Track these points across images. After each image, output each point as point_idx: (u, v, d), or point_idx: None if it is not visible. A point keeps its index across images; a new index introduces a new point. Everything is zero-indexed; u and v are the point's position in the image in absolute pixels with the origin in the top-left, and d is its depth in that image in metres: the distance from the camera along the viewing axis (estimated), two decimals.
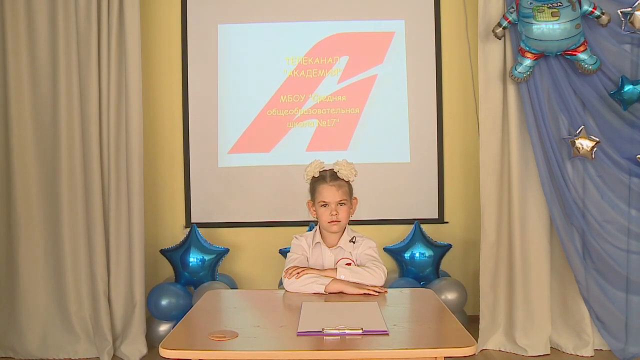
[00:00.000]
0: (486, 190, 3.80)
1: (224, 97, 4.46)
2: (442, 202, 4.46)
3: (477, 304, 3.95)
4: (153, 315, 3.96)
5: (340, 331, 1.77)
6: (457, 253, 4.40)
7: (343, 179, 2.54)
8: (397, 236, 4.35)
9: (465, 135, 4.44)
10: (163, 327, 3.97)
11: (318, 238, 2.58)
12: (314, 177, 2.57)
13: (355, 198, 2.62)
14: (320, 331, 1.78)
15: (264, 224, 4.45)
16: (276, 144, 4.47)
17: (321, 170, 2.58)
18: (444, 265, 4.25)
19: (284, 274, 2.43)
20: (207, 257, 4.07)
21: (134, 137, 3.82)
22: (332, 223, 2.52)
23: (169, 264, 4.14)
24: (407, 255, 4.12)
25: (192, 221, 4.41)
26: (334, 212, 2.51)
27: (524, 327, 3.78)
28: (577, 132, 3.58)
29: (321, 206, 2.54)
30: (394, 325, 1.88)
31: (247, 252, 4.47)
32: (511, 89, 3.71)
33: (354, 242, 2.56)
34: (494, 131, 3.77)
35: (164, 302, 3.87)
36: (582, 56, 3.49)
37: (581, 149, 3.56)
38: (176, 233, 4.42)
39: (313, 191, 2.59)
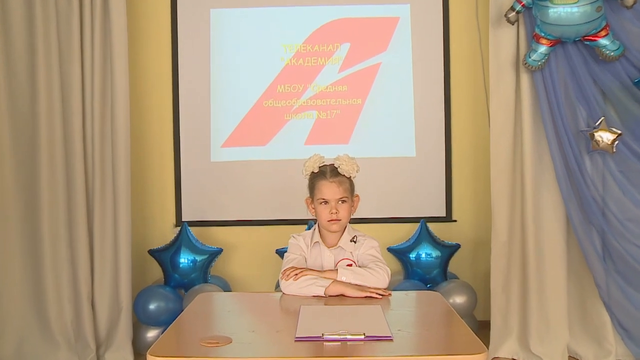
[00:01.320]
0: (497, 186, 3.80)
1: (216, 87, 4.45)
2: (450, 199, 4.46)
3: (487, 308, 3.95)
4: (140, 320, 3.96)
5: (341, 336, 1.77)
6: (466, 253, 4.40)
7: (344, 175, 2.54)
8: (402, 235, 4.35)
9: (474, 127, 4.44)
10: (151, 333, 3.97)
11: (317, 237, 2.58)
12: (313, 172, 2.57)
13: (357, 195, 2.62)
14: (319, 336, 1.77)
15: (259, 223, 4.45)
16: (273, 137, 4.46)
17: (321, 165, 2.57)
18: (452, 266, 4.26)
19: (280, 275, 2.42)
20: (198, 258, 4.07)
21: (120, 129, 3.81)
22: (332, 222, 2.52)
23: (157, 265, 4.14)
24: (412, 255, 4.12)
25: (182, 219, 4.41)
26: (334, 210, 2.51)
27: (539, 333, 3.77)
28: (597, 124, 3.56)
29: (320, 203, 2.53)
30: (399, 330, 1.87)
31: (242, 252, 4.47)
32: (524, 78, 3.70)
33: (355, 242, 2.56)
34: (506, 123, 3.77)
35: (152, 306, 3.87)
36: (604, 42, 3.45)
37: (601, 142, 3.54)
38: (166, 232, 4.42)
39: (312, 188, 2.58)
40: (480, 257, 4.39)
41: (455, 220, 4.46)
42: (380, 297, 2.29)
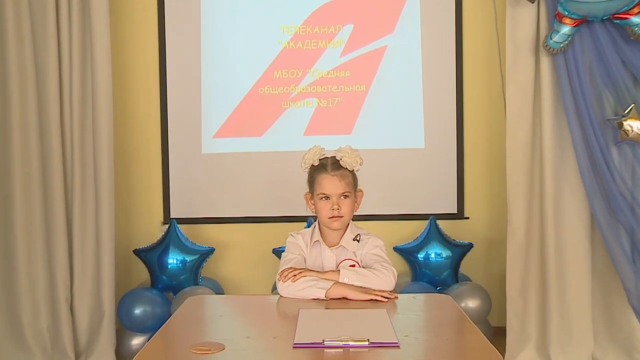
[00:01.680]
0: (514, 180, 3.80)
1: (207, 72, 4.45)
2: (462, 195, 4.46)
3: (503, 313, 3.96)
4: (124, 326, 3.97)
5: (344, 343, 1.77)
6: (480, 254, 4.40)
7: (346, 168, 2.54)
8: (409, 234, 4.36)
9: (489, 116, 4.43)
10: (136, 340, 3.98)
11: (317, 236, 2.58)
12: (312, 165, 2.57)
13: (361, 190, 2.62)
14: (320, 343, 1.78)
15: (254, 220, 4.45)
16: (269, 127, 4.46)
17: (321, 157, 2.57)
18: (464, 267, 4.26)
19: (278, 276, 2.42)
20: (188, 258, 4.07)
21: (102, 118, 3.81)
22: (334, 219, 2.52)
23: (143, 266, 4.14)
24: (420, 255, 4.13)
25: (171, 216, 4.41)
26: (335, 206, 2.50)
27: (561, 340, 3.76)
28: (626, 111, 3.54)
29: (321, 199, 2.53)
30: (406, 336, 1.87)
31: (236, 252, 4.47)
32: (545, 62, 3.69)
33: (358, 241, 2.56)
34: (524, 112, 3.76)
35: (137, 311, 3.88)
36: (636, 20, 3.38)
37: (630, 131, 3.52)
38: (152, 230, 4.42)
39: (312, 182, 2.58)
40: (495, 258, 4.39)
41: (467, 218, 4.47)
42: (386, 300, 2.29)
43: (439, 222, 4.25)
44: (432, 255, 4.11)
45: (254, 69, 4.46)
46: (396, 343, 1.80)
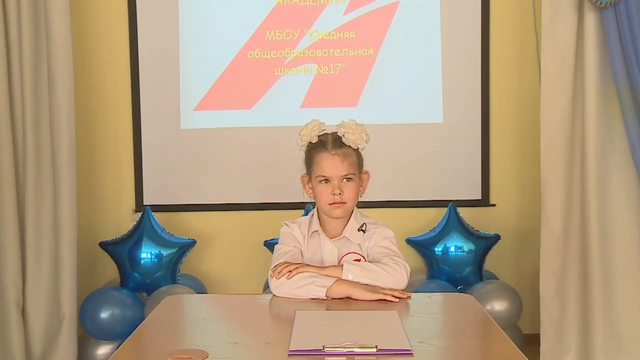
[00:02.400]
0: (549, 161, 3.79)
1: (186, 34, 4.44)
2: (487, 178, 4.47)
3: (536, 318, 3.97)
4: (89, 333, 3.99)
5: (347, 350, 1.77)
6: (508, 247, 4.42)
7: (350, 146, 2.53)
8: (425, 223, 4.37)
9: (520, 85, 4.43)
10: (102, 350, 4.00)
11: (316, 225, 2.58)
12: (310, 142, 2.56)
13: (367, 172, 2.62)
14: (319, 350, 1.78)
15: (243, 207, 4.47)
16: (260, 98, 4.46)
17: (321, 133, 2.56)
18: (490, 263, 4.28)
19: (270, 272, 2.43)
20: (165, 252, 4.08)
21: (60, 87, 3.79)
22: (335, 205, 2.51)
23: (111, 261, 4.15)
24: (438, 249, 4.14)
25: (144, 203, 4.42)
26: (337, 191, 2.50)
27: (607, 350, 3.76)
28: None
29: (320, 182, 2.53)
30: (420, 342, 1.87)
31: (221, 244, 4.49)
32: (590, 19, 3.66)
33: (364, 231, 2.56)
34: (562, 79, 3.74)
35: (104, 315, 3.89)
36: None
37: None
38: (122, 219, 4.44)
39: (309, 162, 2.58)
40: (527, 252, 4.40)
41: (493, 205, 4.48)
42: (397, 300, 2.29)
43: (460, 209, 4.26)
44: (452, 249, 4.12)
45: (241, 29, 4.45)
46: (409, 350, 1.80)
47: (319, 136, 2.55)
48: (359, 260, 2.50)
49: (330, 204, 2.52)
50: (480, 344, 2.00)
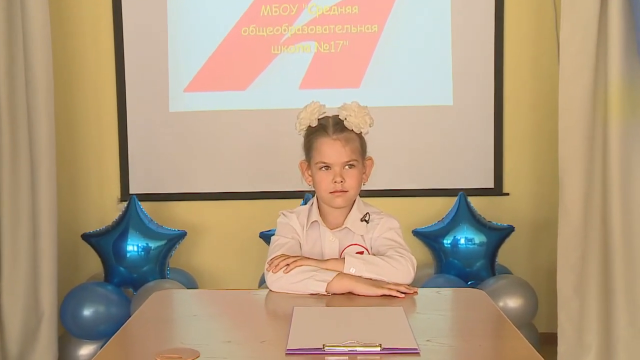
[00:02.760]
0: (568, 146, 3.78)
1: (175, 8, 4.44)
2: (500, 164, 4.48)
3: (553, 316, 3.97)
4: (70, 332, 4.00)
5: (349, 349, 1.78)
6: (523, 239, 4.43)
7: (352, 130, 2.53)
8: (433, 214, 4.38)
9: (537, 63, 4.43)
10: (85, 350, 4.00)
11: (315, 215, 2.59)
12: (310, 126, 2.56)
13: (370, 158, 2.63)
14: (319, 349, 1.78)
15: (237, 196, 4.48)
16: (255, 79, 4.46)
17: (321, 116, 2.57)
18: (503, 256, 4.29)
19: (266, 266, 2.43)
20: (153, 245, 4.09)
21: (37, 68, 3.77)
22: (336, 194, 2.52)
23: (95, 255, 4.16)
24: (447, 241, 4.15)
25: (130, 192, 4.43)
26: (338, 178, 2.50)
27: (630, 352, 3.75)
28: None
29: (320, 169, 2.53)
30: (428, 341, 1.88)
31: (213, 236, 4.51)
32: None
33: (367, 222, 2.57)
34: (583, 57, 3.71)
35: (87, 312, 3.90)
36: None
37: None
38: (106, 209, 4.45)
39: (309, 147, 2.58)
40: (543, 245, 4.41)
41: (507, 194, 4.49)
42: (403, 296, 2.30)
43: (471, 199, 4.26)
44: (462, 241, 4.13)
45: (235, 3, 4.45)
46: (415, 349, 1.80)
47: (319, 119, 2.56)
48: (361, 252, 2.51)
49: (331, 193, 2.52)
50: (492, 343, 2.00)
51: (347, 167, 2.52)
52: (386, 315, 2.12)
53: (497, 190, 4.48)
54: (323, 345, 1.79)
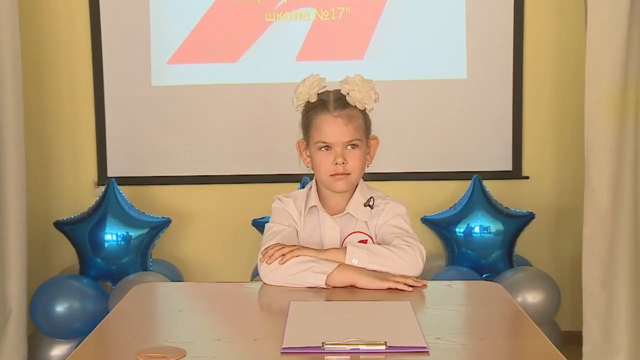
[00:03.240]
0: (595, 123, 3.77)
1: None
2: (520, 145, 4.48)
3: (578, 313, 3.99)
4: (41, 330, 4.01)
5: (352, 347, 1.78)
6: (544, 227, 4.44)
7: (356, 106, 2.53)
8: (444, 199, 4.39)
9: (561, 32, 4.43)
10: (58, 350, 4.02)
11: (314, 200, 2.59)
12: (308, 102, 2.56)
13: (375, 137, 2.62)
14: (318, 347, 1.78)
15: (227, 180, 4.49)
16: (247, 49, 4.46)
17: (321, 91, 2.56)
18: (522, 246, 4.30)
19: (260, 256, 2.44)
20: (134, 233, 4.10)
21: (2, 33, 3.75)
22: (337, 177, 2.51)
23: (69, 245, 4.17)
24: (459, 229, 4.16)
25: (108, 175, 4.44)
26: (340, 160, 2.49)
27: None
28: None
29: (320, 149, 2.53)
30: (437, 338, 1.88)
31: (201, 224, 4.52)
32: None
33: (371, 207, 2.57)
34: (613, 24, 3.69)
35: (60, 308, 3.91)
36: None
37: None
38: (82, 194, 4.45)
39: (307, 125, 2.58)
40: (567, 234, 4.42)
41: (527, 177, 4.50)
42: (411, 289, 2.30)
43: (487, 182, 4.26)
44: (476, 230, 4.14)
45: None
46: (424, 348, 1.81)
47: (318, 94, 2.55)
48: (365, 241, 2.51)
49: (331, 175, 2.52)
50: (509, 341, 2.00)
51: (349, 147, 2.52)
52: (392, 310, 2.12)
53: (515, 173, 4.49)
54: (322, 343, 1.79)
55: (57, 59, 4.43)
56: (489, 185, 4.27)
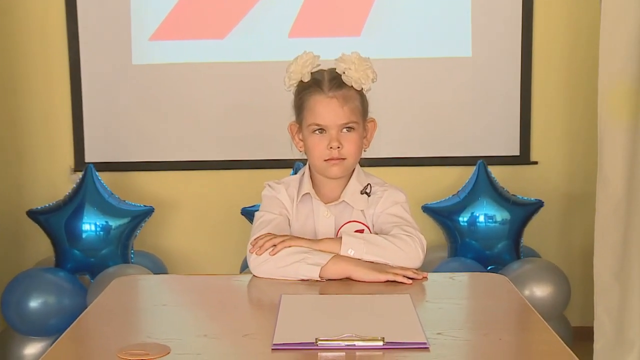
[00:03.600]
0: (609, 104, 3.77)
1: None
2: (528, 128, 4.49)
3: (589, 307, 4.00)
4: (13, 327, 4.02)
5: (347, 343, 1.79)
6: (554, 216, 4.46)
7: (352, 86, 2.53)
8: (447, 186, 4.40)
9: (572, 6, 4.43)
10: (32, 349, 4.03)
11: (307, 187, 2.58)
12: (301, 82, 2.56)
13: (372, 120, 2.62)
14: (311, 343, 1.80)
15: (214, 165, 4.50)
16: (235, 25, 4.46)
17: (314, 70, 2.56)
18: (530, 237, 4.32)
19: (249, 247, 2.44)
20: (113, 223, 4.10)
21: None
22: (332, 162, 2.51)
23: (43, 235, 4.17)
24: (463, 218, 4.17)
25: (86, 160, 4.44)
26: (335, 143, 2.49)
27: None
28: None
29: (314, 132, 2.53)
30: (439, 334, 1.89)
31: (186, 213, 4.53)
32: None
33: (368, 194, 2.57)
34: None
35: (34, 304, 3.91)
36: None
37: None
38: (57, 181, 4.46)
39: (300, 106, 2.57)
40: (577, 223, 4.43)
41: (535, 162, 4.51)
42: (410, 281, 2.32)
43: (492, 168, 4.27)
44: (481, 219, 4.15)
45: None
46: (424, 344, 1.82)
47: (312, 73, 2.54)
48: (361, 231, 2.52)
49: (325, 160, 2.51)
50: (515, 337, 2.01)
51: (345, 130, 2.51)
52: (390, 304, 2.13)
53: (523, 158, 4.50)
54: (315, 339, 1.80)
55: (29, 35, 4.42)
56: (495, 171, 4.28)
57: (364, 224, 2.55)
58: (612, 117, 3.78)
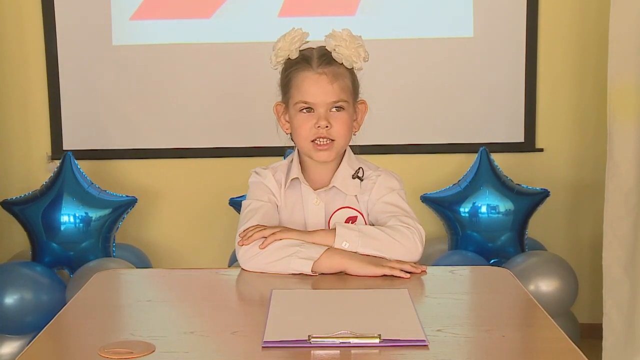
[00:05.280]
0: (619, 88, 3.78)
1: None
2: (533, 114, 4.50)
3: (597, 303, 4.03)
4: None
5: (342, 340, 1.80)
6: (560, 206, 4.48)
7: (342, 64, 2.53)
8: (447, 175, 4.41)
9: None
10: (8, 348, 4.04)
11: (296, 171, 2.58)
12: (289, 59, 2.55)
13: (363, 102, 2.62)
14: (304, 340, 1.80)
15: (200, 153, 4.50)
16: (222, 3, 4.46)
17: (303, 47, 2.56)
18: (535, 228, 4.33)
19: (238, 239, 2.44)
20: (94, 214, 4.11)
21: None
22: (321, 147, 2.51)
23: (19, 228, 4.18)
24: (464, 209, 4.19)
25: (64, 148, 4.45)
26: (323, 123, 2.47)
27: None
28: None
29: (301, 111, 2.51)
30: (438, 330, 1.90)
31: (171, 203, 4.54)
32: None
33: (361, 179, 2.57)
34: None
35: (9, 300, 3.92)
36: None
37: None
38: (33, 170, 4.47)
39: (287, 84, 2.57)
40: (585, 214, 4.44)
41: (541, 149, 4.52)
42: (408, 275, 2.32)
43: (495, 156, 4.29)
44: (483, 209, 4.16)
45: None
46: (423, 341, 1.82)
47: (300, 50, 2.53)
48: (355, 218, 2.52)
49: (313, 141, 2.50)
50: (518, 334, 2.01)
51: (334, 109, 2.50)
52: (387, 299, 2.14)
53: (528, 145, 4.52)
54: (308, 336, 1.81)
55: (2, 15, 4.43)
56: (498, 158, 4.29)
57: (357, 210, 2.55)
58: (622, 102, 3.79)
